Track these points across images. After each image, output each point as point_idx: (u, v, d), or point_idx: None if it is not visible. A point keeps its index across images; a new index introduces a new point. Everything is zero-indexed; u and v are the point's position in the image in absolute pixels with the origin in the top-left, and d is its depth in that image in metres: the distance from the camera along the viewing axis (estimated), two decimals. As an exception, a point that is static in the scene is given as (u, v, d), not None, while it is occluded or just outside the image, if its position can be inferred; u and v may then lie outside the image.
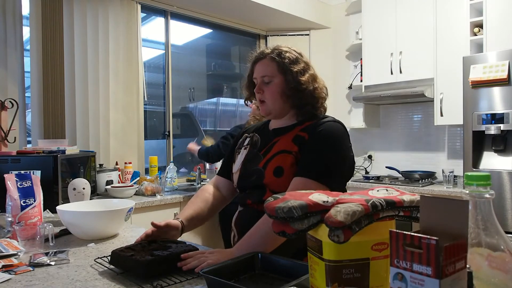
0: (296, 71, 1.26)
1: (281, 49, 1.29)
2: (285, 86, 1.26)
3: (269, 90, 1.28)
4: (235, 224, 1.34)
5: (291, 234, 0.74)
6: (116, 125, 3.00)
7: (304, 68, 1.28)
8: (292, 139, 1.25)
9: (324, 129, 1.22)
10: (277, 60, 1.27)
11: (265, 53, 1.31)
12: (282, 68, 1.26)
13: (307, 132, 1.24)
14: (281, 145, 1.26)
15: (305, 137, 1.23)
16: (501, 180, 2.51)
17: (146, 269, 0.98)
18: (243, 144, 1.41)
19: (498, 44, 2.69)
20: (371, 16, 3.54)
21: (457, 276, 0.51)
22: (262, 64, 1.30)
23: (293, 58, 1.28)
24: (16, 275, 1.05)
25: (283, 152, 1.24)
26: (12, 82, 2.56)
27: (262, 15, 3.80)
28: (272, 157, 1.25)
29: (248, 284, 0.92)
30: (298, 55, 1.30)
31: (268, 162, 1.25)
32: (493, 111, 2.56)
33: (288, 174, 1.20)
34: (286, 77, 1.26)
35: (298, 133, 1.25)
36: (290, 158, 1.22)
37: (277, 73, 1.27)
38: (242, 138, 1.45)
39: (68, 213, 1.41)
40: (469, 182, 0.60)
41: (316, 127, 1.23)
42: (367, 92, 3.54)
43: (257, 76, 1.31)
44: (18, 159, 2.02)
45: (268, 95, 1.28)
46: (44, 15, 2.67)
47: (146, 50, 3.44)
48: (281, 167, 1.21)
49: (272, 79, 1.27)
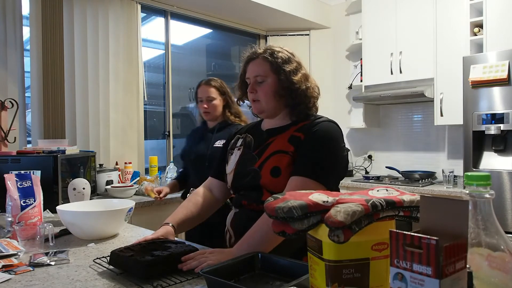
0: (288, 70, 1.26)
1: (274, 49, 1.30)
2: (278, 86, 1.27)
3: (263, 90, 1.28)
4: (230, 225, 1.33)
5: (291, 234, 0.74)
6: (116, 125, 3.00)
7: (296, 67, 1.29)
8: (287, 140, 1.25)
9: (320, 129, 1.22)
10: (270, 60, 1.27)
11: (257, 53, 1.31)
12: (275, 68, 1.27)
13: (303, 132, 1.24)
14: (276, 146, 1.26)
15: (300, 137, 1.23)
16: (501, 180, 2.51)
17: (146, 270, 0.98)
18: (235, 145, 1.40)
19: (498, 44, 2.69)
20: (371, 16, 3.54)
21: (457, 276, 0.51)
22: (255, 64, 1.30)
23: (285, 58, 1.28)
24: (16, 275, 1.05)
25: (279, 153, 1.24)
26: (12, 82, 2.56)
27: (262, 15, 3.80)
28: (268, 158, 1.25)
29: (248, 284, 0.92)
30: (290, 55, 1.31)
31: (264, 162, 1.25)
32: (493, 111, 2.56)
33: (285, 174, 1.20)
34: (279, 77, 1.27)
35: (294, 134, 1.25)
36: (286, 158, 1.22)
37: (270, 72, 1.27)
38: (234, 139, 1.44)
39: (68, 213, 1.41)
40: (469, 182, 0.60)
41: (311, 127, 1.23)
42: (367, 92, 3.54)
43: (250, 76, 1.31)
44: (18, 159, 2.02)
45: (262, 95, 1.28)
46: (44, 15, 2.67)
47: (146, 50, 3.44)
48: (278, 167, 1.21)
49: (265, 78, 1.28)
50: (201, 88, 2.17)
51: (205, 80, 2.19)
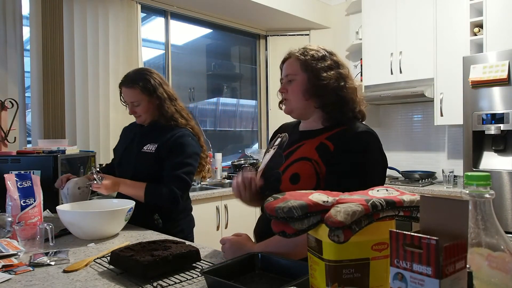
0: (319, 67, 1.21)
1: (308, 48, 1.26)
2: (307, 84, 1.21)
3: (291, 89, 1.24)
4: (254, 230, 1.32)
5: (291, 234, 0.74)
6: (116, 125, 3.00)
7: (330, 65, 1.22)
8: (316, 146, 1.18)
9: (351, 141, 1.12)
10: (300, 58, 1.23)
11: (291, 53, 1.28)
12: (305, 65, 1.22)
13: (333, 141, 1.16)
14: (304, 151, 1.20)
15: (330, 147, 1.15)
16: (501, 180, 2.51)
17: (146, 269, 0.98)
18: (274, 144, 1.37)
19: (498, 44, 2.69)
20: (371, 16, 3.54)
21: (457, 276, 0.51)
22: (287, 64, 1.28)
23: (318, 56, 1.22)
24: (16, 275, 1.05)
25: (303, 159, 1.18)
26: (12, 82, 2.56)
27: (262, 15, 3.80)
28: (293, 162, 1.20)
29: (248, 284, 0.92)
30: (327, 54, 1.24)
31: (288, 166, 1.20)
32: (493, 111, 2.56)
33: (304, 182, 1.14)
34: (308, 75, 1.21)
35: (324, 141, 1.18)
36: (308, 165, 1.15)
37: (300, 71, 1.23)
38: (275, 137, 1.40)
39: (68, 213, 1.41)
40: (469, 182, 0.60)
41: (342, 137, 1.15)
42: (367, 92, 3.54)
43: (283, 76, 1.29)
44: (18, 159, 2.02)
45: (291, 93, 1.25)
46: (44, 15, 2.67)
47: (146, 50, 3.44)
48: (298, 174, 1.16)
49: (294, 77, 1.24)
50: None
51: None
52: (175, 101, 1.83)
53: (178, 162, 1.66)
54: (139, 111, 1.77)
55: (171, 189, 1.62)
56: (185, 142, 1.70)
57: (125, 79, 1.78)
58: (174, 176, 1.64)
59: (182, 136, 1.71)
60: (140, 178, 1.69)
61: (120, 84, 1.79)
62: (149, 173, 1.70)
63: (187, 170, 1.66)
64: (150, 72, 1.79)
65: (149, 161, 1.70)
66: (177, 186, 1.63)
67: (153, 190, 1.63)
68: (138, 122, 1.84)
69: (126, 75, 1.80)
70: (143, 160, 1.72)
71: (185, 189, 1.68)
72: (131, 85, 1.74)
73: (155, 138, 1.74)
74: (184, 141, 1.70)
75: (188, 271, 1.05)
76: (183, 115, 1.82)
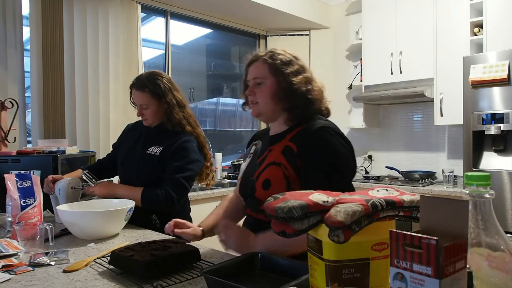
0: (288, 72, 1.23)
1: (275, 51, 1.28)
2: (277, 88, 1.24)
3: (261, 92, 1.26)
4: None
5: (291, 234, 0.74)
6: (116, 125, 2.99)
7: (298, 70, 1.25)
8: (281, 151, 1.21)
9: (311, 140, 1.16)
10: (269, 62, 1.25)
11: (258, 56, 1.29)
12: (274, 69, 1.24)
13: (295, 142, 1.19)
14: (272, 156, 1.24)
15: (293, 149, 1.18)
16: (501, 180, 2.51)
17: (146, 270, 0.98)
18: (249, 152, 1.40)
19: (498, 44, 2.69)
20: (371, 16, 3.54)
21: (457, 276, 0.51)
22: (255, 67, 1.29)
23: (286, 60, 1.25)
24: (16, 275, 1.05)
25: (273, 164, 1.21)
26: (12, 82, 2.56)
27: (262, 15, 3.80)
28: (264, 168, 1.23)
29: (248, 284, 0.92)
30: (293, 58, 1.28)
31: (260, 173, 1.23)
32: (493, 111, 2.56)
33: (276, 187, 1.16)
34: (278, 79, 1.24)
35: (288, 143, 1.21)
36: (277, 170, 1.18)
37: (268, 74, 1.25)
38: (251, 145, 1.43)
39: (68, 213, 1.41)
40: (469, 182, 0.60)
41: (303, 137, 1.18)
42: (367, 92, 3.54)
43: (249, 78, 1.30)
44: (18, 159, 2.02)
45: (260, 97, 1.26)
46: (44, 15, 2.67)
47: (146, 50, 3.44)
48: (269, 180, 1.19)
49: (263, 80, 1.26)
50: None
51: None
52: (184, 108, 1.83)
53: (179, 166, 1.68)
54: (147, 114, 1.78)
55: (167, 192, 1.63)
56: (189, 147, 1.73)
57: (136, 81, 1.80)
58: (172, 179, 1.65)
59: (186, 141, 1.74)
60: (143, 179, 1.72)
61: (131, 86, 1.82)
62: (152, 175, 1.71)
63: (186, 175, 1.68)
64: (161, 77, 1.80)
65: (153, 163, 1.72)
66: (174, 189, 1.64)
67: (150, 195, 1.65)
68: (145, 124, 1.85)
69: (137, 77, 1.83)
70: (147, 162, 1.74)
71: (182, 193, 1.70)
72: (141, 88, 1.76)
73: (160, 141, 1.77)
74: (188, 146, 1.72)
75: (188, 271, 1.05)
76: (190, 122, 1.82)
